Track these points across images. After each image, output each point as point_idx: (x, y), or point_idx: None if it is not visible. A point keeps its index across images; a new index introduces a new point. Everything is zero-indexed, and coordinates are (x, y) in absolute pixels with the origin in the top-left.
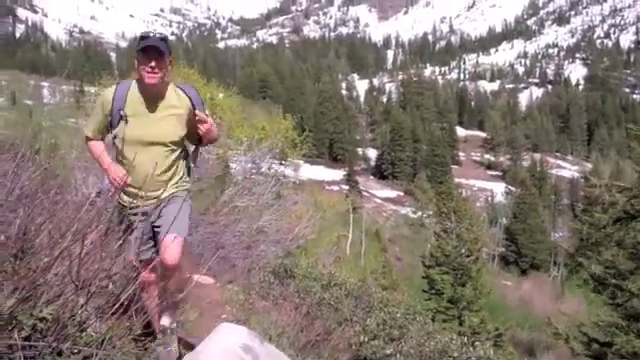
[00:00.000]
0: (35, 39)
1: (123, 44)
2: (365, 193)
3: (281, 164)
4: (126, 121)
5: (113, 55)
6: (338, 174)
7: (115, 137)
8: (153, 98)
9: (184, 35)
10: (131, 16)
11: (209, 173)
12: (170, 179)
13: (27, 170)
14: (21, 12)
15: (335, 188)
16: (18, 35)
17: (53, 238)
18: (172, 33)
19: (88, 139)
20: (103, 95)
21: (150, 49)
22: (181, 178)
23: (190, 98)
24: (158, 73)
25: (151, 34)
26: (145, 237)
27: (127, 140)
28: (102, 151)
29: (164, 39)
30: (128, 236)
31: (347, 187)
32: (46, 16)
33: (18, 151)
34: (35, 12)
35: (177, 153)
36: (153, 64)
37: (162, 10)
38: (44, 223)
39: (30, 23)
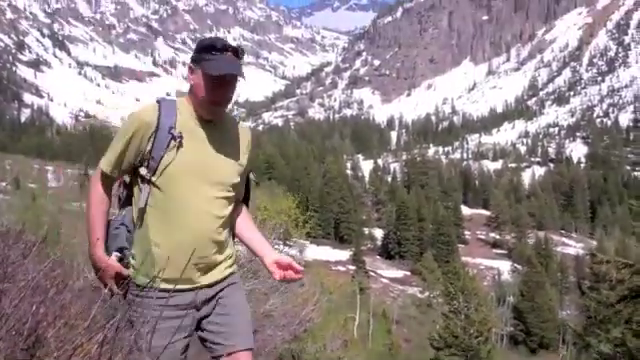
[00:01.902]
0: (40, 123)
1: None
2: (372, 273)
3: (285, 244)
4: (180, 144)
5: None
6: (344, 254)
7: (154, 171)
8: (213, 124)
9: None
10: (137, 100)
11: None
12: (225, 242)
13: (34, 259)
14: (27, 97)
15: (342, 268)
16: (23, 119)
17: (63, 333)
18: None
19: (104, 177)
20: (139, 114)
21: (229, 78)
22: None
23: (250, 140)
24: (227, 103)
25: (221, 44)
26: (184, 343)
27: (180, 172)
28: (104, 214)
29: (239, 53)
30: (143, 338)
31: (354, 267)
32: (52, 100)
33: (26, 239)
34: (41, 97)
35: (233, 204)
36: (226, 95)
37: (168, 94)
38: (55, 318)
39: (36, 107)
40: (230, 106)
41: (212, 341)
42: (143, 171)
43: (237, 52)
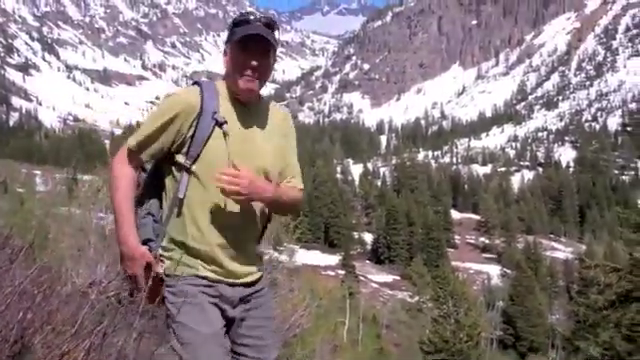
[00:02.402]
0: (29, 127)
1: (118, 131)
2: (362, 278)
3: (276, 249)
4: (225, 131)
5: (107, 143)
6: (334, 259)
7: (195, 160)
8: (248, 108)
9: None
10: (126, 104)
11: None
12: (260, 239)
13: (21, 264)
14: (15, 100)
15: (331, 273)
16: (12, 123)
17: (50, 339)
18: None
19: (131, 157)
20: (182, 95)
21: (252, 40)
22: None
23: (291, 123)
24: (260, 77)
25: (252, 17)
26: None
27: (222, 161)
28: (132, 199)
29: (271, 24)
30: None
31: (343, 272)
32: (40, 104)
33: (13, 244)
34: (30, 100)
35: None
36: (255, 63)
37: (158, 98)
38: (42, 325)
39: (24, 111)
40: None
41: (242, 353)
42: (181, 158)
43: (268, 23)
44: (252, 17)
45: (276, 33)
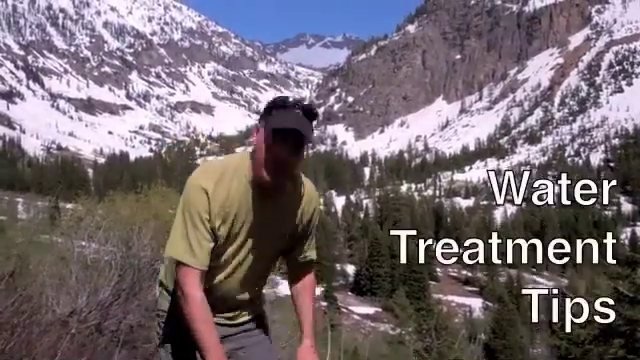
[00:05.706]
0: (12, 155)
1: (101, 160)
2: (344, 310)
3: None
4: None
5: (90, 171)
6: (316, 291)
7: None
8: (267, 192)
9: (163, 152)
10: (110, 133)
11: None
12: (259, 294)
13: (1, 293)
14: None
15: None
16: None
17: None
18: (150, 150)
19: (193, 284)
20: (201, 186)
21: (290, 134)
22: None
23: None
24: (290, 170)
25: (291, 101)
26: None
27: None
28: (210, 320)
29: (309, 113)
30: None
31: (325, 304)
32: (24, 132)
33: None
34: (13, 128)
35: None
36: (288, 157)
37: (141, 127)
38: (22, 357)
39: (7, 139)
40: (203, 140)
41: None
42: None
43: (308, 112)
44: (292, 102)
45: (314, 123)
